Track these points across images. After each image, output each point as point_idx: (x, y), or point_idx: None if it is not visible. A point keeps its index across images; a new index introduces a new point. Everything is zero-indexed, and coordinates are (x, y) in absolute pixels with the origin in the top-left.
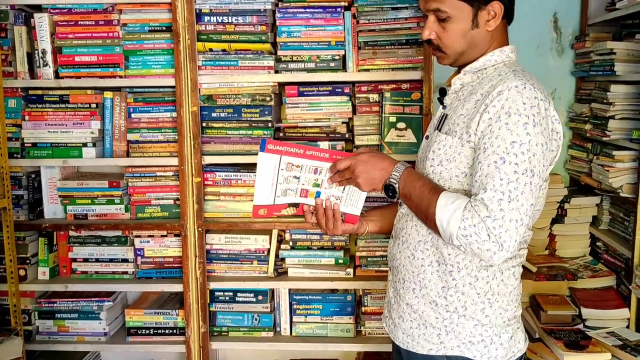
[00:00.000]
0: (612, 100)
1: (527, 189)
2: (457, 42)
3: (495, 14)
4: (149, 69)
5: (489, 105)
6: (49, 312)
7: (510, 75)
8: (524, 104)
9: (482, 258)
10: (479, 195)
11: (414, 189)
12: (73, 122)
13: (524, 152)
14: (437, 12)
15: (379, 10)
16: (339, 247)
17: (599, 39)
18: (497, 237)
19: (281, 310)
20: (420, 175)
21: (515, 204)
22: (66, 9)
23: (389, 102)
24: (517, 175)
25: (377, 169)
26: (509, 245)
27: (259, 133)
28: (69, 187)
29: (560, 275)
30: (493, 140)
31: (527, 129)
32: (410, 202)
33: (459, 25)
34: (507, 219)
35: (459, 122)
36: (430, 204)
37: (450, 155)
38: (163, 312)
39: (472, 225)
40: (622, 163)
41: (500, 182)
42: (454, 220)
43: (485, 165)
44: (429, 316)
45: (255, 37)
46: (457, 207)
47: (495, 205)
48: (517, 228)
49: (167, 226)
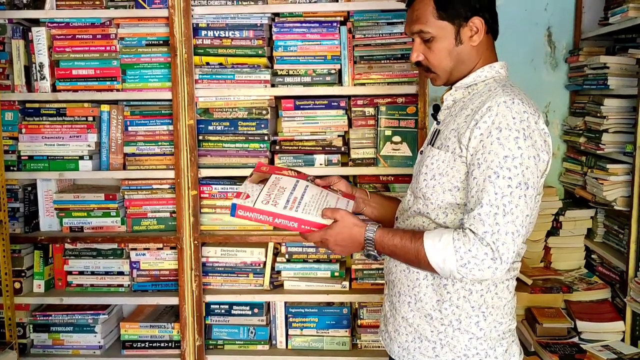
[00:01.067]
0: (606, 113)
1: (522, 202)
2: (444, 61)
3: (477, 29)
4: (146, 82)
5: (479, 121)
6: (44, 325)
7: (499, 91)
8: (514, 118)
9: (486, 277)
10: (475, 210)
11: (395, 247)
12: (70, 135)
13: (516, 166)
14: (421, 33)
15: (375, 25)
16: (334, 260)
17: (593, 53)
18: (495, 251)
19: (277, 323)
20: (393, 230)
21: (511, 216)
22: (64, 23)
23: (385, 115)
24: (510, 189)
25: (349, 240)
26: (507, 257)
27: (255, 146)
28: (65, 200)
29: (556, 287)
30: (486, 156)
31: (519, 143)
32: (396, 256)
33: (443, 44)
34: (504, 232)
35: (450, 136)
36: (419, 252)
37: (443, 170)
38: (158, 325)
39: (467, 251)
40: (616, 176)
41: (495, 197)
42: (449, 256)
43: (480, 181)
44: (424, 330)
45: (251, 51)
46: (445, 243)
47: (492, 220)
48: (514, 240)
49: (163, 239)
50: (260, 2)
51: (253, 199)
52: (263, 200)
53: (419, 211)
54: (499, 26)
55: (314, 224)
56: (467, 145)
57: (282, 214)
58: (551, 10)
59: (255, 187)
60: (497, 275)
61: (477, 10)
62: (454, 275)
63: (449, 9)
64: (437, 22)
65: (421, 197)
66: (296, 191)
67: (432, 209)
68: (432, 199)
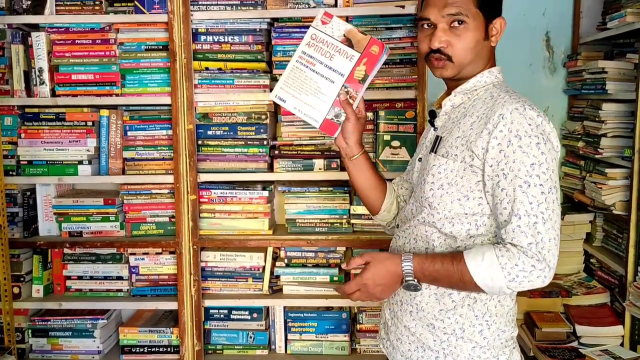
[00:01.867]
0: (604, 118)
1: (556, 205)
2: (469, 51)
3: (498, 30)
4: (145, 87)
5: (493, 130)
6: (43, 330)
7: (505, 97)
8: (529, 125)
9: (536, 286)
10: (513, 223)
11: (437, 272)
12: (69, 139)
13: (544, 172)
14: (457, 16)
15: (373, 30)
16: (334, 264)
17: (591, 58)
18: (542, 260)
19: (276, 328)
20: (429, 256)
21: (550, 222)
22: (63, 28)
23: (384, 120)
24: (544, 195)
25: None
26: (554, 263)
27: (254, 151)
28: (64, 205)
29: (555, 292)
30: (512, 165)
31: (541, 149)
32: (438, 282)
33: (475, 33)
34: (547, 239)
35: (457, 144)
36: (463, 274)
37: (452, 179)
38: (157, 330)
39: (514, 266)
40: (615, 180)
41: (530, 206)
42: (497, 274)
43: (510, 191)
44: (426, 339)
45: (251, 56)
46: (489, 261)
47: (533, 230)
48: (557, 244)
49: (162, 243)
50: (259, 8)
51: (319, 26)
52: (315, 34)
53: (424, 220)
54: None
55: None
56: (482, 156)
57: (297, 50)
58: (549, 15)
59: (338, 31)
60: (547, 282)
61: (500, 12)
62: (504, 290)
63: (488, 1)
64: (475, 10)
65: (427, 206)
66: (324, 68)
67: (439, 219)
68: (439, 208)
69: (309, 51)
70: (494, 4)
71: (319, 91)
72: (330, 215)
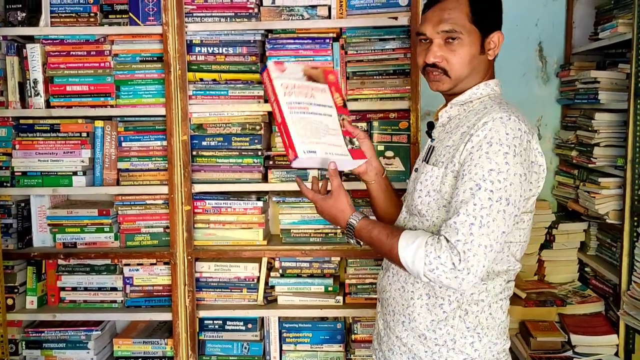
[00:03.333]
0: (597, 127)
1: (500, 217)
2: (464, 66)
3: (495, 44)
4: (140, 98)
5: (472, 135)
6: (37, 342)
7: (495, 107)
8: (507, 134)
9: (452, 287)
10: (452, 219)
11: (371, 238)
12: (63, 151)
13: (500, 180)
14: (451, 32)
15: (367, 41)
16: (328, 274)
17: (583, 68)
18: (464, 261)
19: (271, 339)
20: (374, 222)
21: (486, 229)
22: (58, 40)
23: (377, 131)
24: (491, 202)
25: (334, 219)
26: (476, 270)
27: (248, 161)
28: (58, 216)
29: (550, 301)
30: (472, 168)
31: (507, 159)
32: (373, 247)
33: (470, 49)
34: (476, 243)
35: (445, 153)
36: (392, 248)
37: (437, 186)
38: (152, 342)
39: (437, 257)
40: (608, 190)
41: (473, 207)
42: (418, 259)
43: (461, 191)
44: (418, 350)
45: (245, 67)
46: (418, 245)
47: (467, 230)
48: (486, 254)
49: (157, 254)
50: (253, 19)
51: (280, 75)
52: (283, 83)
53: (415, 228)
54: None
55: (290, 142)
56: (459, 160)
57: (280, 104)
58: (542, 25)
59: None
60: (464, 287)
61: (498, 26)
62: (421, 277)
63: (482, 16)
64: (469, 25)
65: (416, 214)
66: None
67: (427, 226)
68: (427, 215)
69: (292, 99)
70: (490, 19)
71: (329, 128)
72: (325, 225)
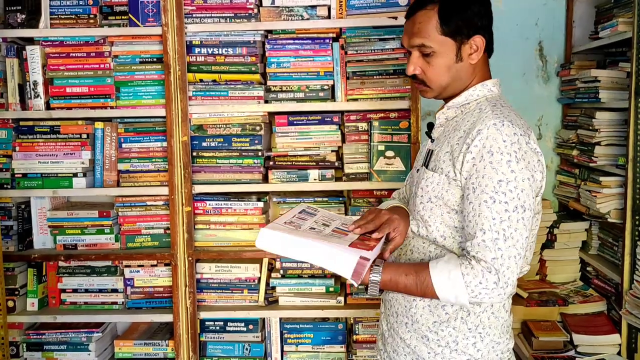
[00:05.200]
0: (598, 126)
1: (520, 225)
2: (442, 76)
3: (477, 48)
4: (139, 99)
5: (470, 145)
6: (38, 344)
7: (488, 113)
8: (504, 141)
9: (495, 302)
10: (478, 237)
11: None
12: (64, 152)
13: (511, 190)
14: (422, 47)
15: (367, 41)
16: (329, 275)
17: (584, 67)
18: (502, 277)
19: (272, 340)
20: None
21: (512, 241)
22: (58, 42)
23: (378, 130)
24: (508, 213)
25: None
26: (513, 281)
27: (249, 162)
28: (58, 217)
29: (552, 300)
30: (480, 180)
31: (511, 166)
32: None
33: (444, 59)
34: (507, 256)
35: (444, 159)
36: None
37: (439, 193)
38: (153, 343)
39: (478, 284)
40: (609, 189)
41: (493, 222)
42: (461, 293)
43: (476, 205)
44: (421, 351)
45: (245, 68)
46: (455, 279)
47: (494, 246)
48: (517, 262)
49: (157, 256)
50: (253, 20)
51: None
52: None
53: (419, 233)
54: (493, 44)
55: None
56: (460, 170)
57: None
58: (542, 25)
59: None
60: (504, 298)
61: (479, 29)
62: (466, 306)
63: (453, 25)
64: (440, 38)
65: (419, 219)
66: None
67: (431, 232)
68: (429, 221)
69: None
70: (464, 26)
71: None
72: None
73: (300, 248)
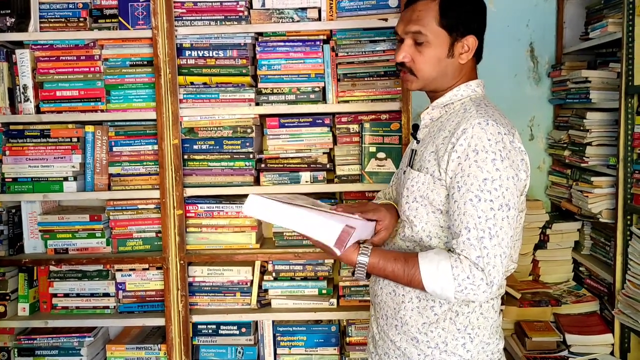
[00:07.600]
0: (589, 127)
1: (505, 223)
2: (430, 67)
3: (469, 48)
4: (130, 102)
5: (455, 144)
6: (29, 349)
7: (473, 112)
8: (489, 140)
9: (480, 300)
10: (463, 235)
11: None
12: (54, 156)
13: (496, 188)
14: (417, 34)
15: (357, 43)
16: (322, 277)
17: (575, 68)
18: (488, 275)
19: (265, 343)
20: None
21: (497, 239)
22: (47, 45)
23: (369, 132)
24: (493, 211)
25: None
26: (498, 280)
27: (240, 164)
28: (49, 222)
29: (545, 301)
30: (465, 179)
31: (496, 165)
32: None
33: (436, 51)
34: (492, 255)
35: (429, 158)
36: (413, 277)
37: (424, 192)
38: (145, 347)
39: (466, 278)
40: (601, 189)
41: (479, 220)
42: (448, 285)
43: (461, 204)
44: (411, 353)
45: (235, 71)
46: (443, 271)
47: (480, 244)
48: (502, 261)
49: (149, 259)
50: (243, 22)
51: None
52: None
53: (404, 236)
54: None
55: None
56: (445, 169)
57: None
58: (533, 26)
59: None
60: (489, 297)
61: (473, 30)
62: (449, 299)
63: (452, 20)
64: (436, 29)
65: (405, 219)
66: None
67: (417, 232)
68: (415, 221)
69: None
70: (461, 23)
71: None
72: None
73: (286, 215)
